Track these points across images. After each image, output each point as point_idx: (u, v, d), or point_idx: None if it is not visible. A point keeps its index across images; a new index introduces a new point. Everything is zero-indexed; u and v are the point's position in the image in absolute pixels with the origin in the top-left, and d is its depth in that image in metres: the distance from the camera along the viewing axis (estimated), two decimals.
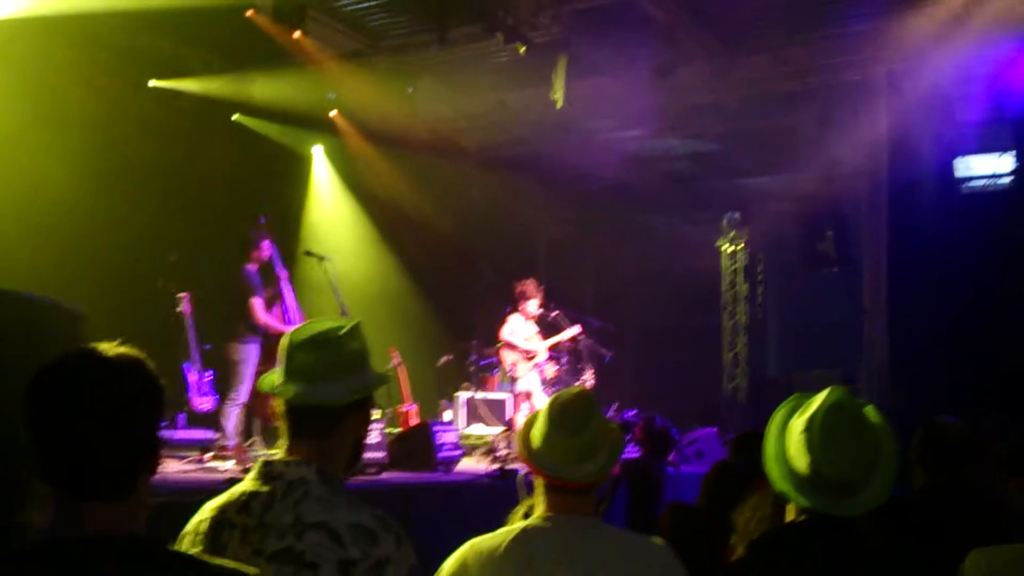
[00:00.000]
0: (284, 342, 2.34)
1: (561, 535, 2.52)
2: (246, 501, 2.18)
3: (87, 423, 1.73)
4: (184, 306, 8.57)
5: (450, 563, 2.56)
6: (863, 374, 12.26)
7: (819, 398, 2.34)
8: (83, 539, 1.72)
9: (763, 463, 2.39)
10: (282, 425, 2.31)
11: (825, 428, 2.27)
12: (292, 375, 2.29)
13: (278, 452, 2.30)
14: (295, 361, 2.29)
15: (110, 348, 1.82)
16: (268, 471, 2.21)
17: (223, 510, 2.20)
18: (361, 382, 2.33)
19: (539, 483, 2.63)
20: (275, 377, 2.33)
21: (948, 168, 11.77)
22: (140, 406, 1.81)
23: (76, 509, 1.74)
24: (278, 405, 2.32)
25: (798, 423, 2.32)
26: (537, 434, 2.63)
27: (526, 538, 2.52)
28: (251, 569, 1.82)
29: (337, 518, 2.12)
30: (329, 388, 2.26)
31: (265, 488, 2.18)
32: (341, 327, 2.35)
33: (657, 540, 2.61)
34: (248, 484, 2.23)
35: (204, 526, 2.19)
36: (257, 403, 8.70)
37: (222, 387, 8.56)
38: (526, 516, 2.67)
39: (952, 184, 12.01)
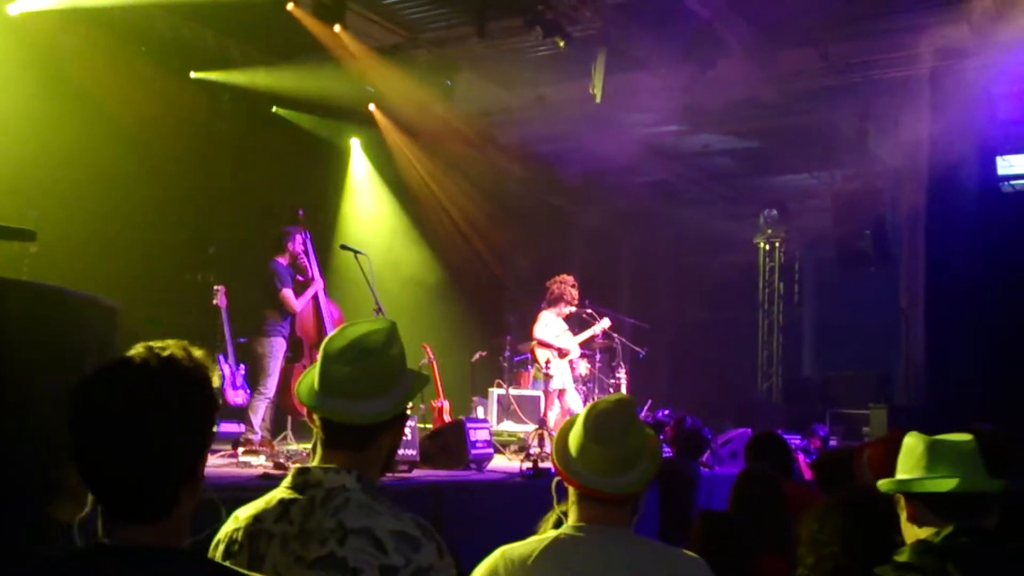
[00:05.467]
0: (321, 350, 2.26)
1: (593, 546, 2.47)
2: (284, 509, 2.14)
3: (123, 449, 1.62)
4: (220, 299, 8.57)
5: (480, 571, 2.52)
6: (900, 374, 12.15)
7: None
8: (115, 550, 1.64)
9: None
10: (317, 433, 2.25)
11: None
12: (329, 388, 2.21)
13: (313, 459, 2.24)
14: (332, 373, 2.20)
15: (152, 354, 1.67)
16: (305, 479, 2.16)
17: (258, 519, 2.15)
18: (401, 394, 2.25)
19: (573, 491, 2.56)
20: (310, 382, 2.25)
21: (989, 166, 11.62)
22: (184, 419, 1.69)
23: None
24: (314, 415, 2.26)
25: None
26: (573, 442, 2.56)
27: (558, 548, 2.48)
28: None
29: (379, 524, 2.07)
30: (369, 405, 2.19)
31: (302, 496, 2.14)
32: (378, 331, 2.26)
33: (690, 553, 2.56)
34: (283, 492, 2.17)
35: (239, 535, 2.15)
36: (285, 398, 8.72)
37: (253, 381, 8.62)
38: (558, 523, 2.62)
39: (993, 182, 11.86)
